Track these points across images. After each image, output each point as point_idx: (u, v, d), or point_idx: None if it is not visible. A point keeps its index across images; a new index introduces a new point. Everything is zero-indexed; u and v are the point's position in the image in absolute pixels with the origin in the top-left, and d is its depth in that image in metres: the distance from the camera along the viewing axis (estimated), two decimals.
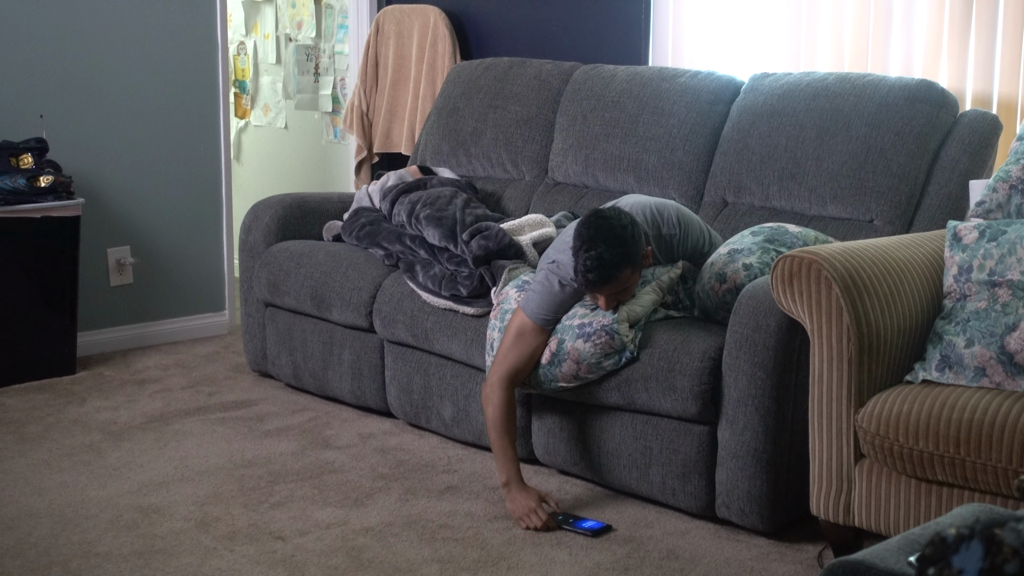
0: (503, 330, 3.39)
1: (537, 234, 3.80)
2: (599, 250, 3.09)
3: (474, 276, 3.65)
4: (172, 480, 3.47)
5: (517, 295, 3.46)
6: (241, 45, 6.50)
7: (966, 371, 2.70)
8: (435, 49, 5.12)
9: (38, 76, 4.56)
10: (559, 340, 3.26)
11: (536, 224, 3.87)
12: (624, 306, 3.23)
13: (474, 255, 3.68)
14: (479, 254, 3.68)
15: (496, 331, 3.43)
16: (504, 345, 3.31)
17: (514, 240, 3.73)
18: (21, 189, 4.25)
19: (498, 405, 3.27)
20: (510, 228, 3.80)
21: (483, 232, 3.74)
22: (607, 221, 3.14)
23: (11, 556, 2.96)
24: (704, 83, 3.98)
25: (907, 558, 1.69)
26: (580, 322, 3.24)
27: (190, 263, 5.04)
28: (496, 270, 3.62)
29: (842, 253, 2.79)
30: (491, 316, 3.49)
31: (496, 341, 3.41)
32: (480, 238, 3.71)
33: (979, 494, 2.59)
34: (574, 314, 3.28)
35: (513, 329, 3.31)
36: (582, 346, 3.21)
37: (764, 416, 3.01)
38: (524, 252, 3.71)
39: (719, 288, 3.18)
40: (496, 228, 3.76)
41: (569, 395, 3.34)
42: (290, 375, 4.29)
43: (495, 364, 3.32)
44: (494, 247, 3.68)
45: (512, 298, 3.46)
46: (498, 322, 3.44)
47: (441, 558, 2.97)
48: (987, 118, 3.51)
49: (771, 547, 3.06)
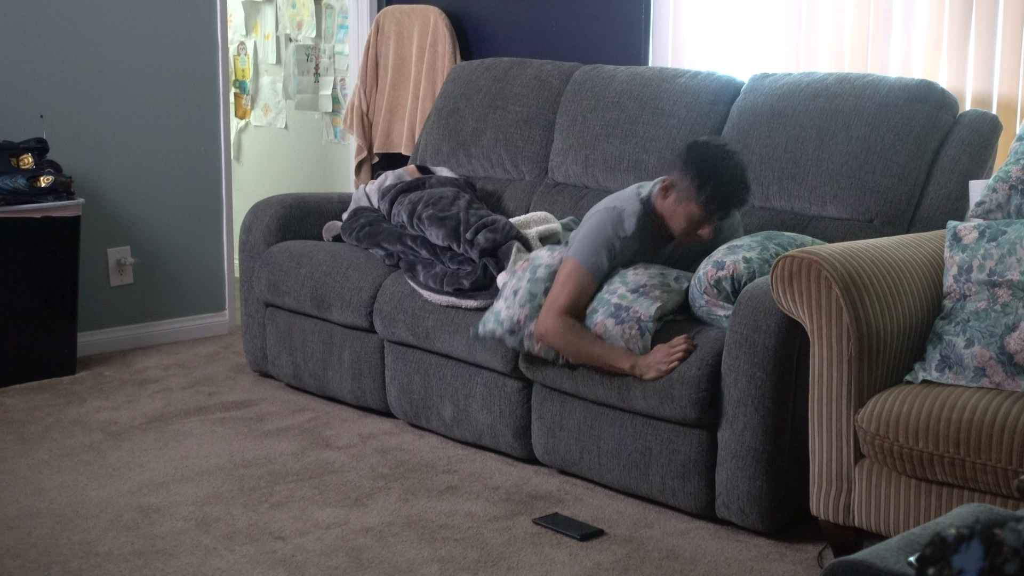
0: (533, 280, 3.39)
1: (544, 228, 3.82)
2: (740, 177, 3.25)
3: (477, 268, 3.66)
4: (172, 480, 3.47)
5: (549, 254, 3.46)
6: (241, 45, 6.50)
7: (966, 371, 2.70)
8: (435, 49, 5.12)
9: (38, 76, 4.56)
10: (591, 309, 3.27)
11: (542, 220, 3.89)
12: (665, 296, 3.24)
13: (481, 248, 3.69)
14: (486, 247, 3.69)
15: (526, 281, 3.41)
16: (554, 291, 3.31)
17: (521, 233, 3.74)
18: (21, 189, 4.25)
19: (563, 331, 3.24)
20: (517, 223, 3.82)
21: (490, 226, 3.75)
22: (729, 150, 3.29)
23: (11, 556, 2.96)
24: (704, 83, 3.98)
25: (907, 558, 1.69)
26: (618, 302, 3.24)
27: (190, 263, 5.04)
28: (503, 255, 3.64)
29: (842, 253, 2.79)
30: (517, 269, 3.48)
31: (520, 290, 3.39)
32: (487, 231, 3.73)
33: (979, 494, 2.59)
34: (615, 290, 3.27)
35: (563, 276, 3.31)
36: (611, 326, 3.21)
37: (764, 416, 3.01)
38: (531, 246, 3.73)
39: (714, 273, 3.18)
40: (503, 221, 3.78)
41: (568, 385, 3.35)
42: (290, 375, 4.29)
43: (546, 306, 3.30)
44: (501, 240, 3.70)
45: (542, 256, 3.46)
46: (527, 274, 3.42)
47: (441, 558, 2.97)
48: (987, 118, 3.51)
49: (771, 547, 3.06)
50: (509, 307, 3.38)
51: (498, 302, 3.44)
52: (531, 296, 3.36)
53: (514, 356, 3.50)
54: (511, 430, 3.59)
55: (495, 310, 3.42)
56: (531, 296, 3.36)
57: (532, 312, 3.34)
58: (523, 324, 3.33)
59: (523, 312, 3.35)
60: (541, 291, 3.36)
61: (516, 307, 3.36)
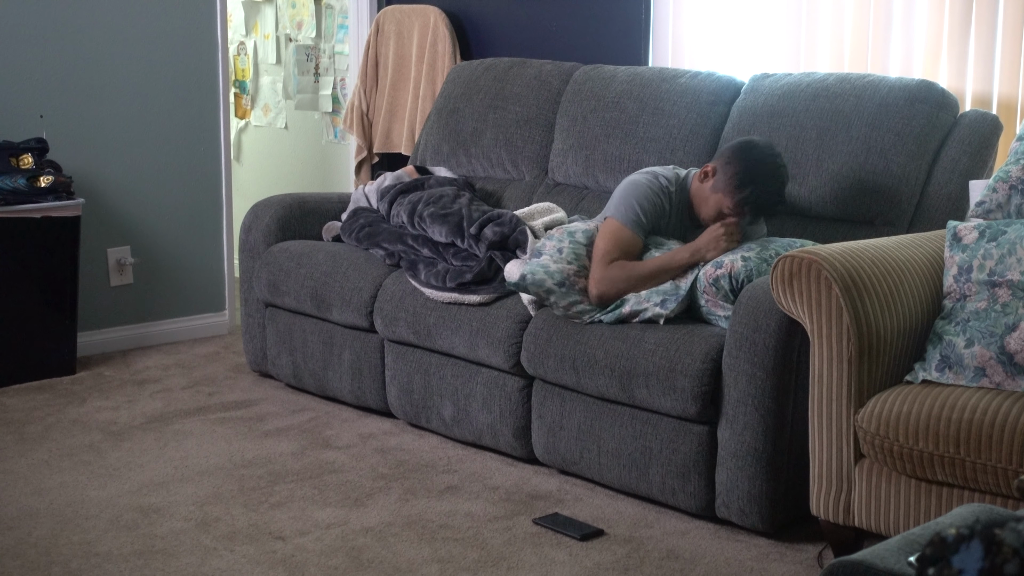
0: (574, 242, 3.44)
1: (549, 219, 3.83)
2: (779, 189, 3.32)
3: (482, 261, 3.66)
4: (172, 480, 3.47)
5: (583, 223, 3.55)
6: (241, 45, 6.50)
7: (966, 371, 2.70)
8: (435, 49, 5.12)
9: (38, 76, 4.56)
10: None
11: (546, 211, 3.89)
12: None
13: (489, 240, 3.71)
14: (494, 240, 3.71)
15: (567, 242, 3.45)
16: (597, 252, 3.37)
17: (528, 225, 3.75)
18: (21, 189, 4.25)
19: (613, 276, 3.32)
20: (521, 215, 3.83)
21: (496, 219, 3.77)
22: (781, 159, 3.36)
23: (11, 556, 2.96)
24: (704, 84, 3.98)
25: (907, 558, 1.69)
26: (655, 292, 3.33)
27: (190, 263, 5.04)
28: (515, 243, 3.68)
29: (842, 253, 2.79)
30: (554, 233, 3.54)
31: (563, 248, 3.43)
32: (494, 224, 3.74)
33: (979, 494, 2.59)
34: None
35: (603, 235, 3.39)
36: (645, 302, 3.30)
37: (764, 416, 3.01)
38: (538, 236, 3.74)
39: (713, 272, 3.20)
40: (509, 214, 3.79)
41: (569, 379, 3.35)
42: (290, 375, 4.29)
43: (593, 267, 3.37)
44: (509, 232, 3.71)
45: (576, 224, 3.54)
46: (566, 237, 3.48)
47: (441, 558, 2.97)
48: (987, 118, 3.51)
49: (771, 547, 3.06)
50: (557, 262, 3.42)
51: (543, 257, 3.46)
52: (576, 256, 3.42)
53: (516, 351, 3.50)
54: (511, 430, 3.59)
55: (541, 262, 3.43)
56: (576, 256, 3.42)
57: (580, 270, 3.40)
58: (572, 278, 3.38)
59: (571, 268, 3.40)
60: (585, 253, 3.43)
61: (564, 263, 3.41)
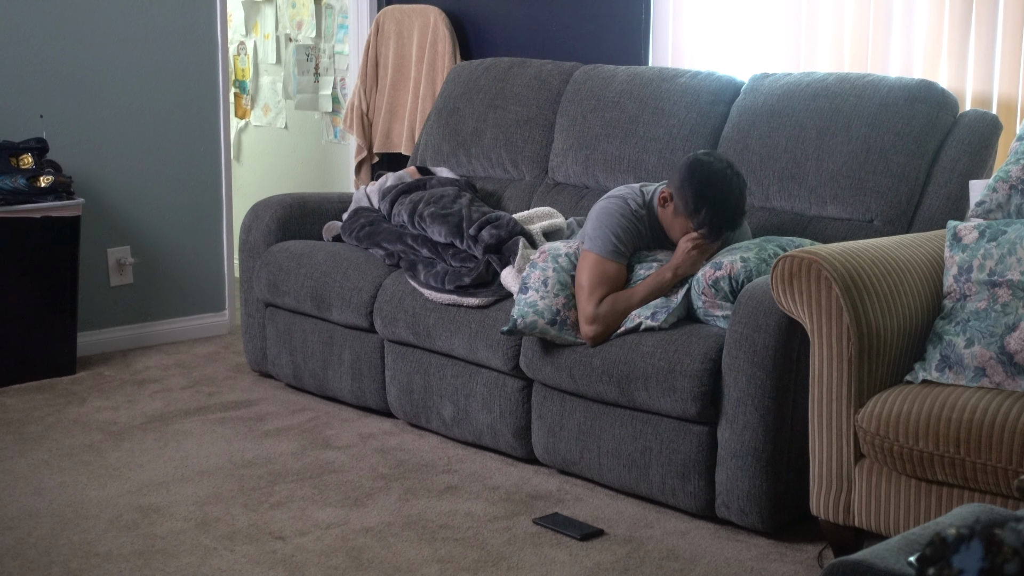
0: (558, 270, 3.41)
1: (547, 223, 3.82)
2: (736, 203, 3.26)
3: (480, 264, 3.66)
4: (172, 480, 3.47)
5: (565, 244, 3.49)
6: (241, 45, 6.50)
7: (966, 371, 2.70)
8: (435, 49, 5.12)
9: (38, 76, 4.56)
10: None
11: (545, 215, 3.89)
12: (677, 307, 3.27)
13: (485, 243, 3.70)
14: (491, 242, 3.70)
15: (552, 271, 3.41)
16: (581, 291, 3.33)
17: (525, 229, 3.74)
18: (21, 189, 4.25)
19: (603, 314, 3.29)
20: (520, 219, 3.82)
21: (493, 222, 3.76)
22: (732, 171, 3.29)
23: (11, 556, 2.96)
24: (704, 83, 3.98)
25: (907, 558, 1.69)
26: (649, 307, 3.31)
27: (190, 263, 5.04)
28: (508, 251, 3.64)
29: (842, 253, 2.79)
30: (537, 259, 3.49)
31: (549, 279, 3.40)
32: (491, 227, 3.73)
33: (979, 494, 2.59)
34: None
35: (583, 272, 3.35)
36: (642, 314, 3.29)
37: (764, 416, 3.01)
38: (535, 241, 3.73)
39: (712, 273, 3.20)
40: (507, 217, 3.78)
41: (567, 385, 3.35)
42: (290, 375, 4.29)
43: (580, 308, 3.33)
44: (506, 235, 3.70)
45: (558, 246, 3.49)
46: (550, 263, 3.44)
47: (441, 558, 2.97)
48: (987, 118, 3.51)
49: (771, 547, 3.06)
50: (544, 297, 3.38)
51: (529, 293, 3.41)
52: (562, 286, 3.38)
53: (515, 354, 3.50)
54: (511, 430, 3.59)
55: (529, 300, 3.39)
56: (562, 286, 3.38)
57: (568, 301, 3.37)
58: (563, 312, 3.35)
59: (559, 301, 3.37)
60: (570, 280, 3.40)
61: (551, 296, 3.37)
